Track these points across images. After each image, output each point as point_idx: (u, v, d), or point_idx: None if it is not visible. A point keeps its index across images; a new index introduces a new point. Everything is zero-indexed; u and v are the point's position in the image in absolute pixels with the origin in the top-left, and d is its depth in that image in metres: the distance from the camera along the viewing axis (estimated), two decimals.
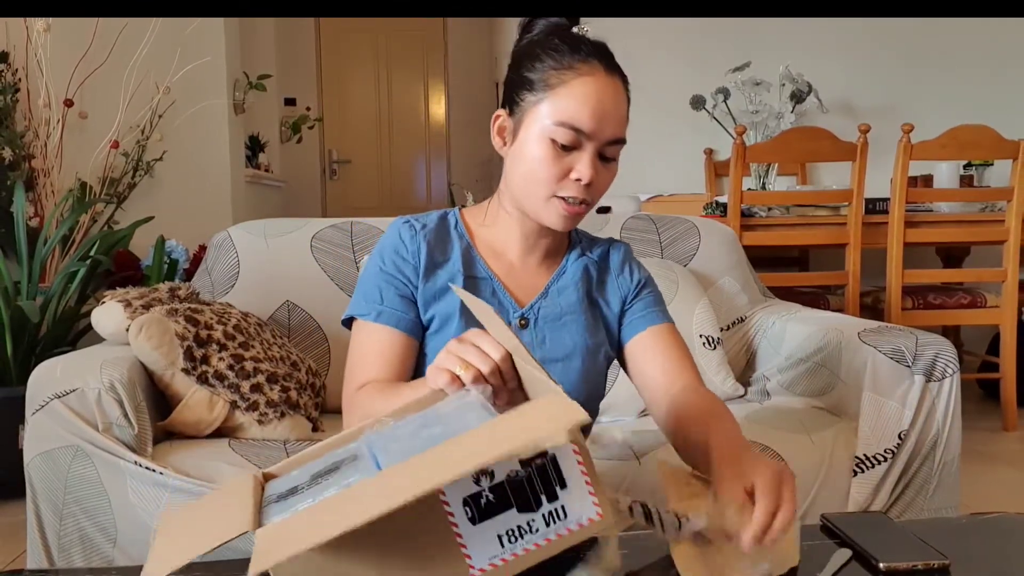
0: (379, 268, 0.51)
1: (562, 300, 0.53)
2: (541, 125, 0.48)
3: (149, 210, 1.48)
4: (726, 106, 1.67)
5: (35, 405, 0.70)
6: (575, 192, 0.48)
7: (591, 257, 0.55)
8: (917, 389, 0.76)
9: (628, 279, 0.55)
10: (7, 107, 1.42)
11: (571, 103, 0.47)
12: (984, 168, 1.60)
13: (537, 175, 0.48)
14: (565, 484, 0.31)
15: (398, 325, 0.50)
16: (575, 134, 0.47)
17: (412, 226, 0.52)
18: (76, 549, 0.69)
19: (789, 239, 1.45)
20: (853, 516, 0.44)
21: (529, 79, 0.49)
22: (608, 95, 0.47)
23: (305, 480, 0.33)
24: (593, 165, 0.48)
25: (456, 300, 0.50)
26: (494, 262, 0.53)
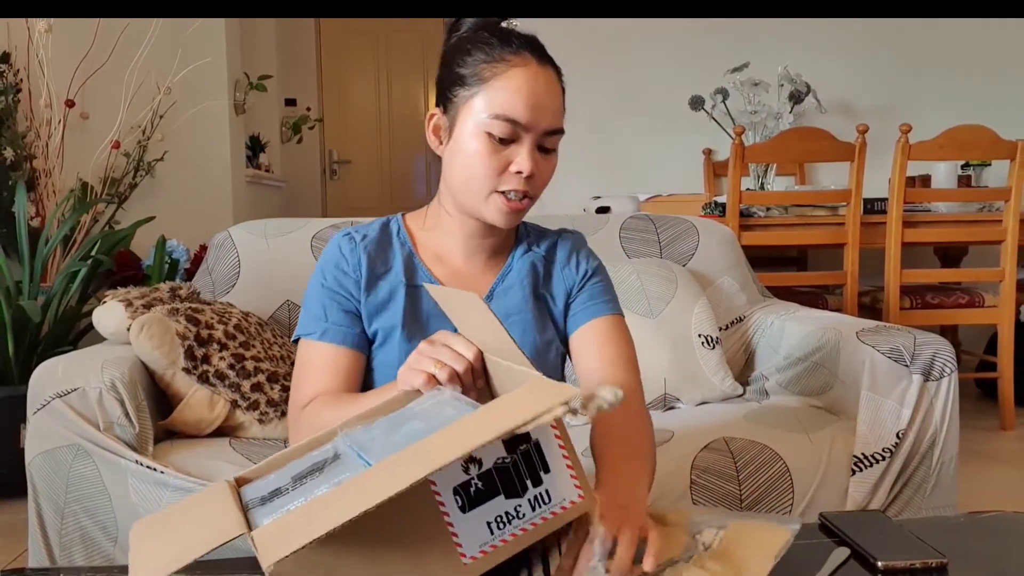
0: (321, 284, 0.50)
1: (508, 300, 0.51)
2: (476, 119, 0.46)
3: (150, 210, 1.49)
4: (725, 106, 1.68)
5: (36, 404, 0.70)
6: (516, 185, 0.47)
7: (538, 252, 0.53)
8: (915, 388, 0.76)
9: (574, 271, 0.53)
10: (9, 107, 1.43)
11: (505, 95, 0.45)
12: (982, 168, 1.61)
13: (475, 171, 0.46)
14: (548, 468, 0.32)
15: (344, 342, 0.49)
16: (511, 126, 0.46)
17: (352, 238, 0.51)
18: (77, 548, 0.70)
19: (788, 239, 1.45)
20: (851, 515, 0.44)
21: (461, 75, 0.47)
22: (542, 85, 0.46)
23: (287, 482, 0.33)
24: (532, 157, 0.46)
25: (399, 312, 0.49)
26: (438, 267, 0.51)
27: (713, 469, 0.71)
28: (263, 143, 2.20)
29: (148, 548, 0.31)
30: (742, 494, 0.71)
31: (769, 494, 0.72)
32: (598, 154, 1.88)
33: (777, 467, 0.73)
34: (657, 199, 1.58)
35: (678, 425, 0.79)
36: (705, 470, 0.71)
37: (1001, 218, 1.44)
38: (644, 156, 1.87)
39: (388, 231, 0.52)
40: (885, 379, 0.77)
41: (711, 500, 0.70)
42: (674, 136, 1.84)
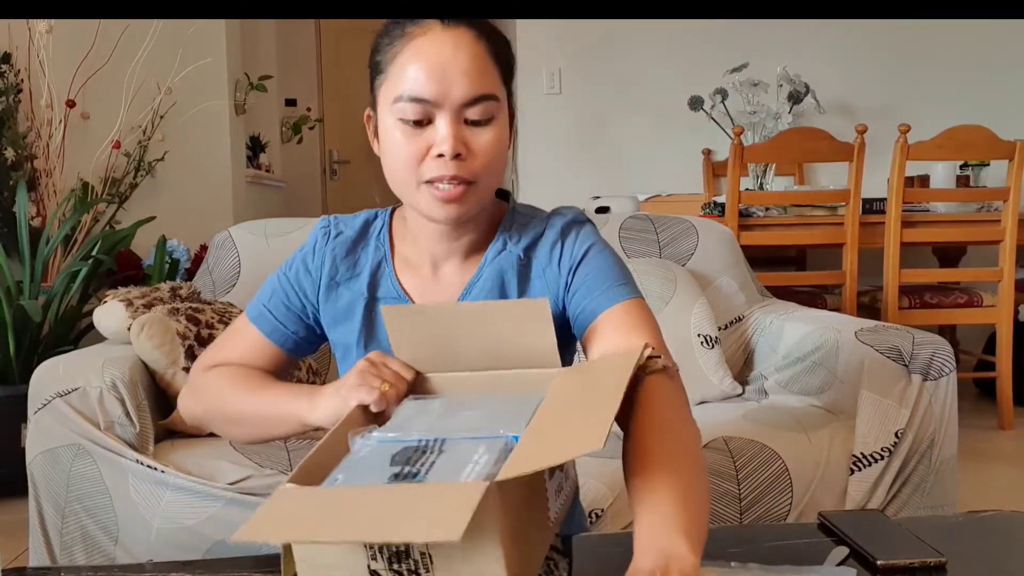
0: (284, 271, 0.47)
1: None
2: (387, 108, 0.41)
3: (151, 210, 1.49)
4: (724, 107, 1.68)
5: (37, 404, 0.71)
6: (442, 170, 0.40)
7: (514, 249, 0.45)
8: (914, 388, 0.77)
9: (556, 268, 0.44)
10: (9, 108, 1.43)
11: (404, 73, 0.40)
12: (980, 168, 1.61)
13: (398, 162, 0.41)
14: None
15: (271, 335, 0.46)
16: (419, 105, 0.39)
17: (328, 234, 0.46)
18: (78, 547, 0.70)
19: (787, 239, 1.45)
20: (850, 514, 0.44)
21: (376, 64, 0.43)
22: (447, 49, 0.39)
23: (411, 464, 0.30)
24: (454, 134, 0.39)
25: (355, 328, 0.45)
26: (409, 277, 0.45)
27: (712, 468, 0.71)
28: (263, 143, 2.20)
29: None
30: (741, 493, 0.72)
31: (768, 493, 0.72)
32: (597, 154, 1.88)
33: (776, 466, 0.73)
34: (656, 199, 1.58)
35: None
36: None
37: (999, 218, 1.44)
38: (643, 156, 1.87)
39: (369, 231, 0.47)
40: (884, 379, 0.77)
41: (711, 500, 0.70)
42: (673, 136, 1.83)
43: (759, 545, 0.40)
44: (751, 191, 1.52)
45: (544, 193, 1.71)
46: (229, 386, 0.45)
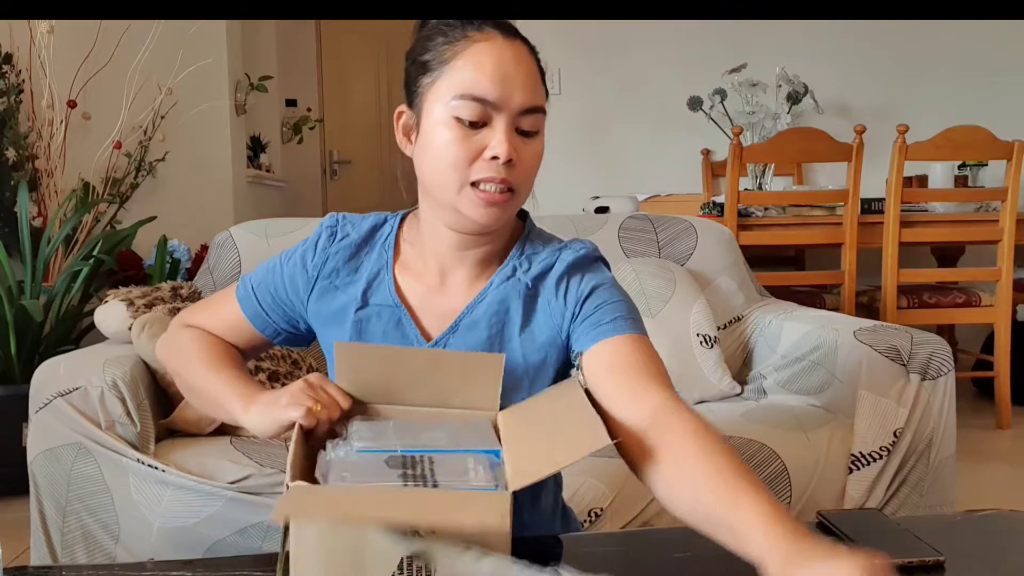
0: (282, 260, 0.47)
1: (470, 338, 0.44)
2: (442, 105, 0.41)
3: (152, 210, 1.49)
4: (723, 107, 1.68)
5: (39, 403, 0.71)
6: (492, 173, 0.40)
7: (523, 277, 0.44)
8: (912, 387, 0.77)
9: (562, 303, 0.44)
10: (11, 108, 1.43)
11: (469, 72, 0.40)
12: (979, 168, 1.61)
13: (445, 160, 0.41)
14: None
15: (252, 319, 0.47)
16: (480, 105, 0.40)
17: (333, 235, 0.46)
18: (79, 546, 0.70)
19: (785, 239, 1.45)
20: (849, 513, 0.46)
21: (423, 63, 0.42)
22: (509, 58, 0.41)
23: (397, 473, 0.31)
24: (509, 139, 0.40)
25: (346, 333, 0.44)
26: (411, 286, 0.45)
27: None
28: (264, 143, 2.21)
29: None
30: None
31: None
32: (597, 154, 1.88)
33: (775, 466, 0.73)
34: (656, 199, 1.58)
35: None
36: None
37: (998, 218, 1.44)
38: (643, 156, 1.87)
39: (375, 236, 0.46)
40: (882, 378, 0.77)
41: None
42: (672, 136, 1.84)
43: None
44: (750, 191, 1.53)
45: (544, 193, 1.71)
46: (195, 355, 0.46)
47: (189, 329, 0.49)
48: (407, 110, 0.44)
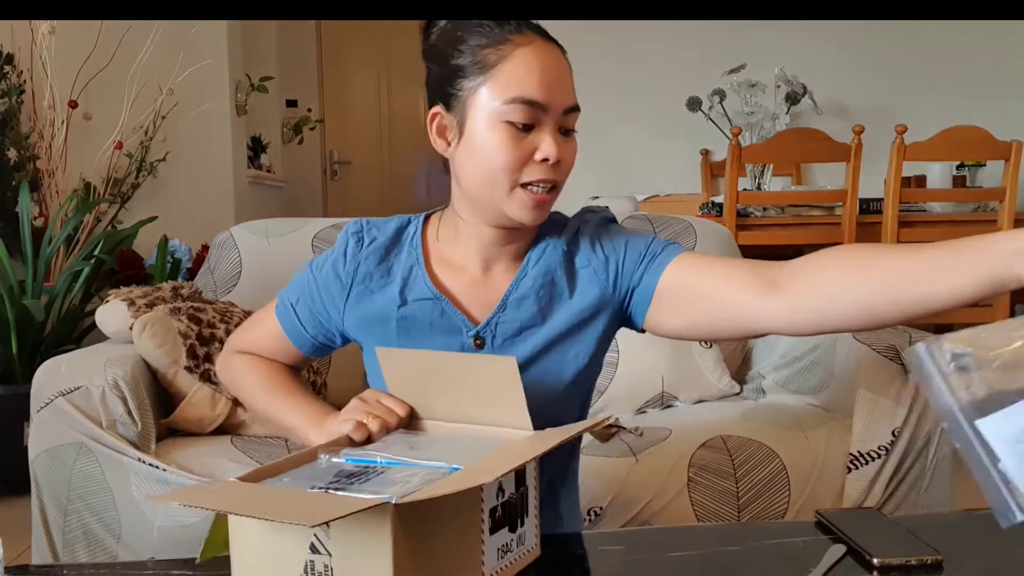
0: (314, 272, 0.48)
1: (521, 313, 0.45)
2: (491, 109, 0.42)
3: (152, 210, 1.50)
4: (722, 107, 1.68)
5: (40, 402, 0.71)
6: (542, 175, 0.42)
7: (557, 244, 0.46)
8: (910, 387, 0.77)
9: (602, 258, 0.46)
10: (12, 108, 1.43)
11: (518, 76, 0.41)
12: (977, 169, 1.62)
13: (497, 164, 0.42)
14: (527, 514, 0.35)
15: (289, 334, 0.49)
16: (531, 109, 0.41)
17: (361, 240, 0.47)
18: (80, 544, 0.70)
19: (784, 239, 1.46)
20: (848, 512, 0.45)
21: (460, 66, 0.43)
22: (553, 61, 0.42)
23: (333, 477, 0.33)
24: (557, 141, 0.42)
25: (391, 333, 0.45)
26: (449, 279, 0.46)
27: (710, 467, 0.72)
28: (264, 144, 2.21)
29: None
30: (739, 491, 0.72)
31: (766, 491, 0.73)
32: (596, 154, 1.88)
33: (774, 465, 0.73)
34: (655, 199, 1.59)
35: (676, 423, 0.80)
36: (703, 468, 0.72)
37: (996, 218, 1.44)
38: (642, 157, 1.88)
39: (402, 237, 0.48)
40: (881, 378, 0.77)
41: (708, 498, 0.70)
42: (672, 137, 1.84)
43: (757, 543, 0.41)
44: (749, 191, 1.53)
45: None
46: (255, 384, 0.49)
47: (241, 356, 0.51)
48: (444, 112, 0.45)
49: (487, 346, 0.46)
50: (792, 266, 0.40)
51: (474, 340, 0.46)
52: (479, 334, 0.46)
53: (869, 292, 0.37)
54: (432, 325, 0.46)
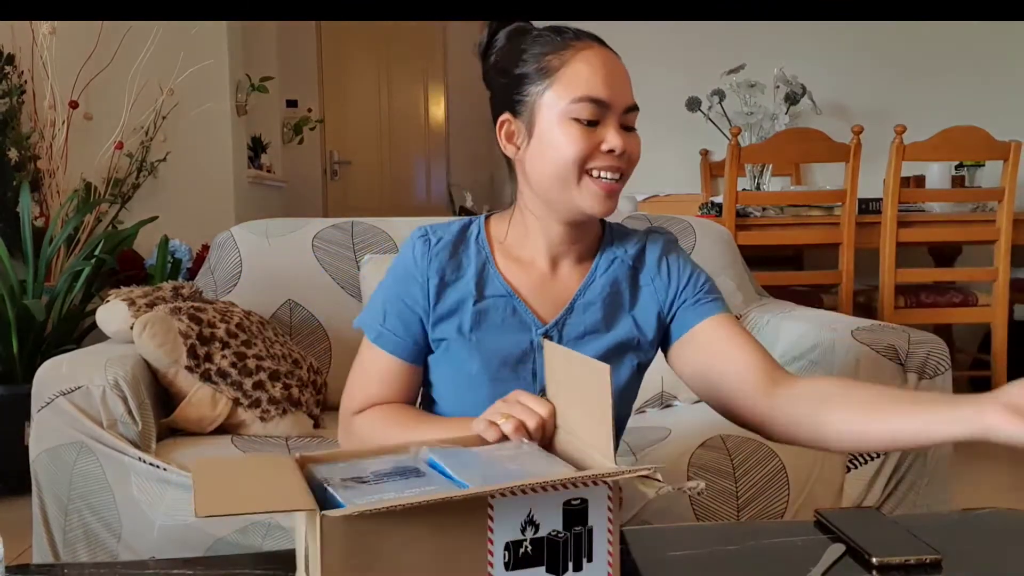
0: (390, 285, 0.50)
1: (587, 317, 0.49)
2: (558, 109, 0.46)
3: (153, 210, 1.50)
4: (721, 108, 1.69)
5: (41, 402, 0.71)
6: (609, 162, 0.46)
7: (625, 259, 0.51)
8: (910, 387, 0.77)
9: (666, 280, 0.51)
10: (13, 109, 1.43)
11: (582, 77, 0.45)
12: (975, 169, 1.62)
13: (566, 158, 0.45)
14: (592, 558, 0.32)
15: (395, 351, 0.49)
16: (596, 106, 0.45)
17: (428, 241, 0.50)
18: (81, 544, 0.70)
19: (783, 239, 1.46)
20: (847, 511, 0.45)
21: (524, 74, 0.47)
22: (612, 63, 0.47)
23: (367, 475, 0.33)
24: (621, 134, 0.46)
25: (464, 323, 0.48)
26: (518, 276, 0.49)
27: (710, 467, 0.72)
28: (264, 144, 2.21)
29: (211, 486, 0.31)
30: (738, 491, 0.72)
31: (765, 491, 0.73)
32: None
33: (773, 464, 0.73)
34: (654, 199, 1.60)
35: (675, 423, 0.80)
36: (702, 468, 0.72)
37: (994, 218, 1.44)
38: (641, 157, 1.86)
39: (466, 236, 0.51)
40: (880, 377, 0.77)
41: (707, 498, 0.70)
42: (671, 137, 1.84)
43: (756, 542, 0.41)
44: (748, 191, 1.54)
45: None
46: (391, 428, 0.48)
47: (362, 416, 0.50)
48: (512, 119, 0.49)
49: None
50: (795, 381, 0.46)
51: (543, 338, 0.48)
52: (547, 333, 0.49)
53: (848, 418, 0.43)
54: (504, 321, 0.49)
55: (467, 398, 0.49)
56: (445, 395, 0.50)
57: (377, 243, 0.95)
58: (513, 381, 0.48)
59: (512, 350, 0.49)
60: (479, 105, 3.12)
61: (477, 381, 0.48)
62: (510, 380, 0.48)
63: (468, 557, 0.31)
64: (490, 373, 0.48)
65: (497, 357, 0.48)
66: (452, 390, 0.49)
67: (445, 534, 0.30)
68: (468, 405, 0.48)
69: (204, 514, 0.29)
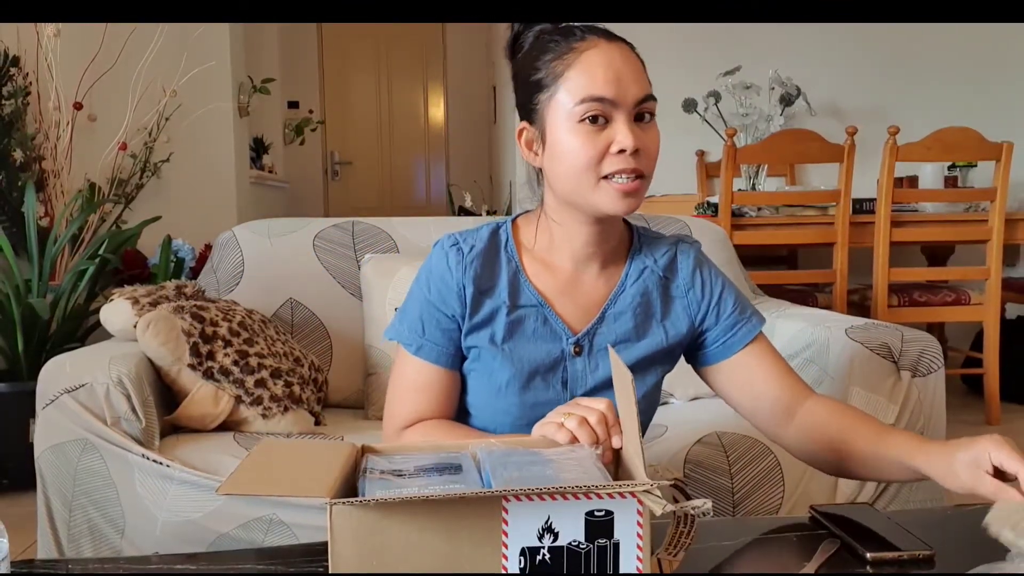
0: (424, 295, 0.49)
1: (618, 327, 0.49)
2: (565, 113, 0.45)
3: (156, 210, 1.50)
4: (717, 109, 1.69)
5: (45, 400, 0.71)
6: (622, 165, 0.45)
7: (655, 268, 0.50)
8: (903, 384, 0.77)
9: (699, 295, 0.51)
10: (18, 110, 1.44)
11: (584, 77, 0.45)
12: (968, 169, 1.62)
13: (579, 161, 0.45)
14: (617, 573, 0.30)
15: (438, 361, 0.49)
16: (601, 104, 0.44)
17: (460, 250, 0.49)
18: (85, 540, 0.70)
19: (778, 238, 1.46)
20: (841, 507, 0.45)
21: (536, 81, 0.47)
22: (617, 57, 0.46)
23: (410, 468, 0.33)
24: (632, 131, 0.45)
25: (498, 331, 0.48)
26: (546, 283, 0.49)
27: (706, 463, 0.72)
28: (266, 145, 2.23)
29: (251, 468, 0.32)
30: (734, 487, 0.72)
31: (760, 487, 0.73)
32: None
33: (768, 460, 0.73)
34: (651, 199, 1.59)
35: (671, 420, 0.80)
36: (698, 464, 0.72)
37: (987, 218, 1.45)
38: None
39: (496, 242, 0.50)
40: (873, 375, 0.77)
41: (704, 493, 0.71)
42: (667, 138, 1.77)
43: (751, 538, 0.41)
44: (744, 191, 1.53)
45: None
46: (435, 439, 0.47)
47: (411, 430, 0.49)
48: (528, 126, 0.49)
49: (584, 353, 0.49)
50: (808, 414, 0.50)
51: (574, 348, 0.49)
52: (578, 342, 0.49)
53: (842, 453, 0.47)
54: (535, 331, 0.49)
55: (498, 406, 0.48)
56: (476, 404, 0.50)
57: (377, 243, 0.95)
58: (543, 390, 0.48)
59: (544, 359, 0.48)
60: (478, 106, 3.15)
61: (508, 390, 0.48)
62: (540, 389, 0.48)
63: (482, 558, 0.30)
64: (520, 382, 0.48)
65: (529, 366, 0.48)
66: (483, 398, 0.49)
67: (458, 532, 0.29)
68: (500, 413, 0.48)
69: (223, 493, 0.29)
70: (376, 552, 0.29)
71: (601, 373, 0.49)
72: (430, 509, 0.29)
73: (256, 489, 0.31)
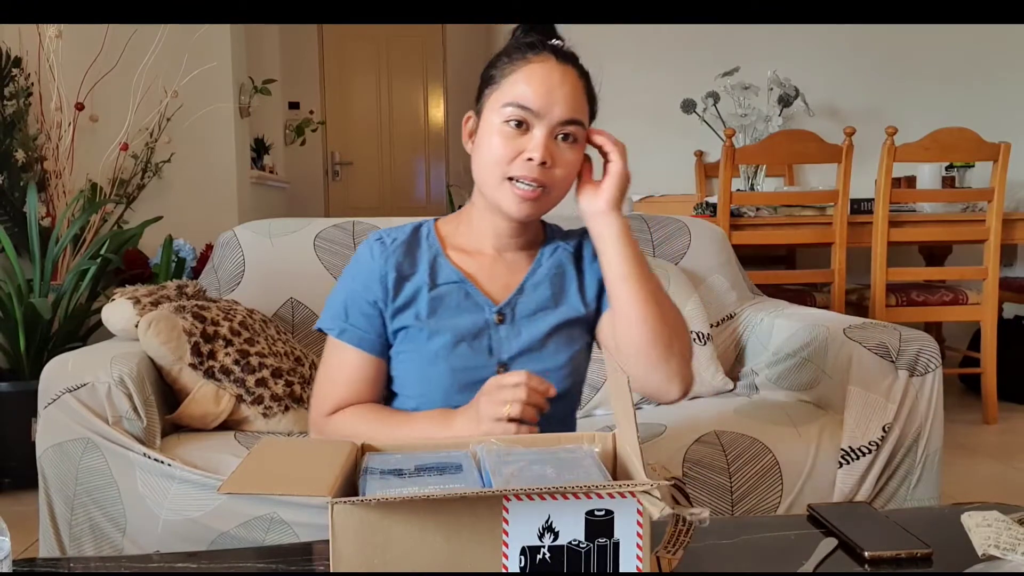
0: (349, 285, 0.53)
1: (537, 296, 0.53)
2: (496, 111, 0.49)
3: (158, 210, 1.51)
4: (716, 109, 1.70)
5: (47, 399, 0.71)
6: (527, 172, 0.48)
7: (567, 249, 0.55)
8: (901, 383, 0.77)
9: (596, 272, 0.55)
10: (20, 110, 1.44)
11: (518, 85, 0.49)
12: (966, 169, 1.63)
13: (492, 157, 0.49)
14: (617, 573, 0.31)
15: (360, 345, 0.52)
16: (523, 111, 0.48)
17: (383, 243, 0.53)
18: (87, 538, 0.70)
19: (777, 238, 1.47)
20: (839, 506, 0.47)
21: (489, 77, 0.51)
22: (556, 77, 0.49)
23: (410, 468, 0.34)
24: (545, 145, 0.48)
25: (421, 310, 0.51)
26: (468, 263, 0.53)
27: (704, 462, 0.72)
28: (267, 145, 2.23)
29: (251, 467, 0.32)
30: (732, 486, 0.72)
31: (759, 486, 0.73)
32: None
33: (767, 460, 0.74)
34: (650, 199, 1.61)
35: (670, 419, 0.80)
36: (697, 463, 0.72)
37: (984, 218, 1.46)
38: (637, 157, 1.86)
39: (418, 234, 0.54)
40: (871, 374, 0.77)
41: (703, 492, 0.71)
42: (666, 138, 1.85)
43: (750, 536, 0.42)
44: (742, 192, 1.54)
45: None
46: (363, 426, 0.50)
47: (333, 418, 0.52)
48: (473, 116, 0.53)
49: (507, 321, 0.52)
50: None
51: (496, 316, 0.52)
52: (500, 311, 0.52)
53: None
54: (458, 304, 0.52)
55: (431, 375, 0.50)
56: (406, 381, 0.52)
57: None
58: (471, 356, 0.51)
59: (469, 328, 0.51)
60: None
61: (438, 357, 0.51)
62: (468, 355, 0.51)
63: (482, 557, 0.30)
64: (449, 348, 0.51)
65: (454, 335, 0.51)
66: (415, 373, 0.50)
67: (458, 531, 0.29)
68: (431, 384, 0.50)
69: (224, 491, 0.30)
70: (377, 551, 0.29)
71: (524, 339, 0.52)
72: (431, 508, 0.29)
73: (257, 488, 0.32)
